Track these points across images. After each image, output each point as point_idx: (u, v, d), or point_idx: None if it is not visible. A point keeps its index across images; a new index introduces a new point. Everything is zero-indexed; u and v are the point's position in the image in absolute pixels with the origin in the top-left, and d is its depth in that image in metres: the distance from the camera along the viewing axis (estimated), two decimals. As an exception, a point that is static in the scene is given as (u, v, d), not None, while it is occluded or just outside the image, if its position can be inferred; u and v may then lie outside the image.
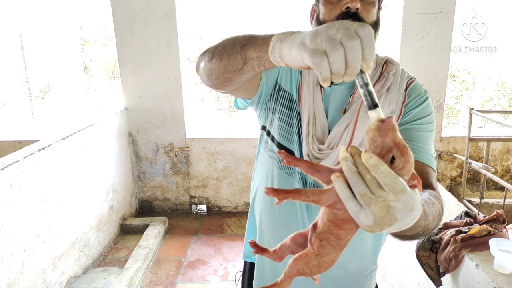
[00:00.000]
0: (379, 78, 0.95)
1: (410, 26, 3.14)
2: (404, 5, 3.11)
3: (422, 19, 3.12)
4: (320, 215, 0.52)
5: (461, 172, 3.40)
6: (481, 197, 3.14)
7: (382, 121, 0.45)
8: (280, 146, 0.99)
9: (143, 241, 3.01)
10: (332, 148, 0.92)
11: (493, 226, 1.19)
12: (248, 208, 3.59)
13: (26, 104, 5.34)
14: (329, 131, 0.95)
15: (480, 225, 1.20)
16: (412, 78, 0.98)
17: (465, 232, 1.19)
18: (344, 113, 0.94)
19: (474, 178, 3.52)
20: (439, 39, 3.15)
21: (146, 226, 3.26)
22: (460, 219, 1.28)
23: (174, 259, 2.97)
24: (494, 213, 1.24)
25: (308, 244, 0.52)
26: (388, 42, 3.46)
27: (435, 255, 1.28)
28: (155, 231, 3.17)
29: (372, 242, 1.02)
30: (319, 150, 0.93)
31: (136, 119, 3.42)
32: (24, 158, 2.01)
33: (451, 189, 3.49)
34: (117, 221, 3.22)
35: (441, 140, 3.43)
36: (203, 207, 3.70)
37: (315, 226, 0.52)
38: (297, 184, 0.99)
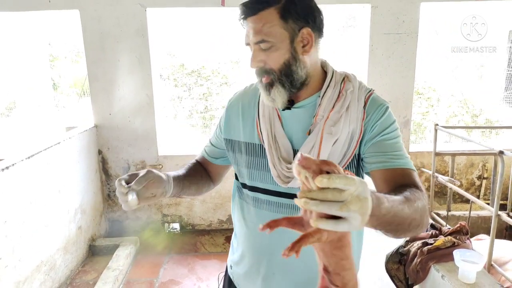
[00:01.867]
0: (338, 97, 0.98)
1: (377, 46, 3.27)
2: (371, 26, 3.24)
3: (388, 39, 3.26)
4: (321, 256, 0.59)
5: (429, 186, 3.51)
6: (448, 210, 3.24)
7: (298, 161, 0.54)
8: (253, 189, 1.07)
9: (113, 263, 2.92)
10: None
11: (457, 237, 1.23)
12: (222, 226, 3.55)
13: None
14: (296, 151, 0.99)
15: (445, 236, 1.24)
16: (370, 91, 1.01)
17: (431, 244, 1.23)
18: (309, 134, 0.98)
19: (441, 192, 3.64)
20: (404, 58, 3.29)
21: (117, 246, 3.16)
22: (426, 231, 1.32)
23: (146, 280, 2.88)
24: (458, 225, 1.29)
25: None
26: (356, 61, 3.58)
27: (403, 267, 1.31)
28: (125, 251, 3.08)
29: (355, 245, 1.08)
30: (288, 169, 0.97)
31: (106, 137, 3.35)
32: (-15, 178, 1.92)
33: (420, 202, 3.59)
34: (85, 242, 3.10)
35: (409, 154, 3.54)
36: (176, 225, 3.63)
37: (326, 270, 0.59)
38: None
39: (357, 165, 0.99)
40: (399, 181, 0.91)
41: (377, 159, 0.94)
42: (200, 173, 1.21)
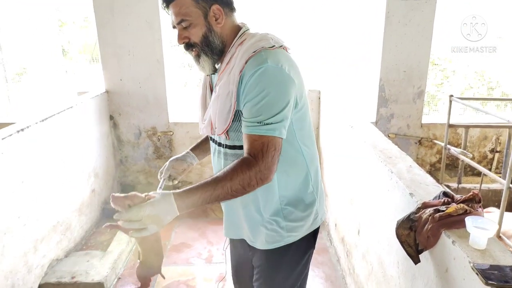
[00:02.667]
0: (229, 61, 1.18)
1: (393, 13, 3.16)
2: (388, -9, 3.12)
3: (405, 6, 3.15)
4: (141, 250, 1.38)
5: (440, 158, 3.49)
6: (459, 182, 3.24)
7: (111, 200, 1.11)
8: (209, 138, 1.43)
9: (126, 225, 3.00)
10: (206, 121, 1.29)
11: (469, 205, 1.23)
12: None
13: (1, 86, 5.16)
14: None
15: (457, 204, 1.24)
16: (254, 51, 1.12)
17: (443, 211, 1.23)
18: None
19: (452, 164, 3.62)
20: (421, 26, 3.18)
21: (129, 210, 3.24)
22: (438, 198, 1.32)
23: (158, 242, 2.97)
24: (471, 193, 1.28)
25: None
26: (371, 28, 3.48)
27: (413, 233, 1.32)
28: (138, 215, 3.16)
29: (262, 196, 1.27)
30: (202, 123, 1.33)
31: (118, 102, 3.36)
32: (2, 139, 1.96)
33: (430, 174, 3.59)
34: (99, 205, 3.19)
35: (421, 126, 3.50)
36: (187, 191, 3.69)
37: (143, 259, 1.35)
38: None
39: (239, 121, 1.16)
40: (245, 147, 1.12)
41: (242, 124, 1.14)
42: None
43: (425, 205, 1.32)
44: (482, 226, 1.08)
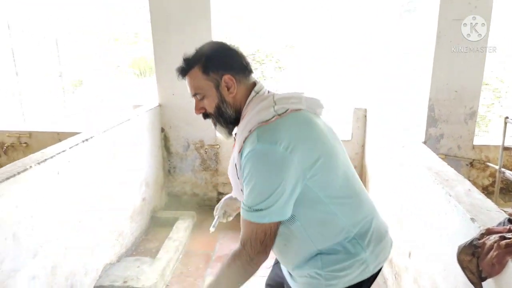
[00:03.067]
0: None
1: (444, 33, 3.12)
2: (440, 11, 3.09)
3: (457, 26, 3.09)
4: None
5: (494, 181, 3.35)
6: (514, 207, 3.09)
7: None
8: None
9: (174, 234, 3.10)
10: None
11: (538, 233, 1.19)
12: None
13: (59, 97, 5.52)
14: None
15: (525, 232, 1.20)
16: (249, 130, 1.12)
17: (509, 238, 1.20)
18: None
19: (506, 188, 3.46)
20: (474, 44, 3.11)
21: (176, 219, 3.35)
22: (503, 225, 1.29)
23: (203, 252, 3.04)
24: (539, 221, 1.25)
25: None
26: (419, 47, 3.44)
27: (476, 259, 1.29)
28: (184, 224, 3.26)
29: (295, 250, 1.22)
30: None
31: (169, 116, 3.52)
32: (70, 148, 2.12)
33: (481, 197, 3.44)
34: (148, 213, 3.32)
35: (473, 148, 3.39)
36: (230, 204, 3.76)
37: None
38: None
39: None
40: (241, 231, 1.15)
41: None
42: None
43: (489, 232, 1.29)
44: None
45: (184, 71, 1.26)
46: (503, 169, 3.06)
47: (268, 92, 1.25)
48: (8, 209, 1.67)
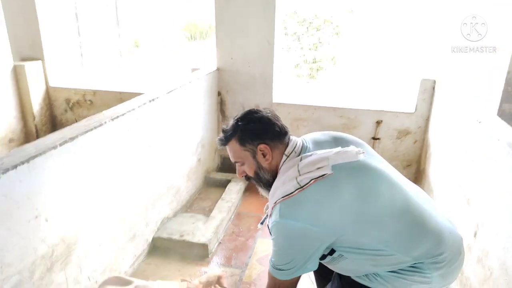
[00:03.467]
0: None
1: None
2: None
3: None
4: None
5: None
6: None
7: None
8: None
9: (226, 195, 3.20)
10: None
11: None
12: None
13: (117, 58, 5.69)
14: None
15: None
16: (276, 202, 1.21)
17: None
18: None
19: None
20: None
21: (228, 181, 3.44)
22: None
23: (254, 215, 3.12)
24: None
25: None
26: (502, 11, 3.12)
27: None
28: (236, 187, 3.34)
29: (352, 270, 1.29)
30: None
31: (227, 80, 3.53)
32: (138, 107, 2.20)
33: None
34: (202, 174, 3.43)
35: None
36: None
37: None
38: None
39: None
40: None
41: None
42: None
43: None
44: None
45: (223, 143, 1.38)
46: None
47: (301, 148, 1.34)
48: (86, 162, 1.79)
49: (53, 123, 4.17)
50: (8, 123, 3.82)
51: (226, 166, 3.84)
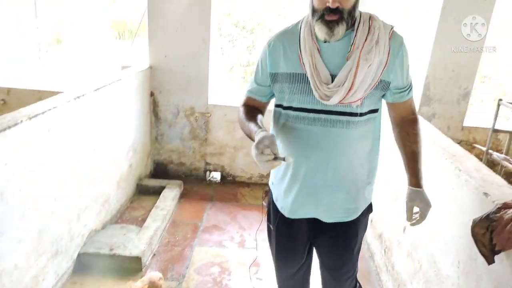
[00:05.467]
0: (368, 32, 1.24)
1: (450, 8, 3.05)
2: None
3: (462, 4, 3.04)
4: None
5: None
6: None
7: None
8: (296, 109, 1.32)
9: (161, 202, 3.02)
10: (339, 87, 1.23)
11: (555, 209, 1.19)
12: (262, 180, 3.57)
13: (35, 54, 5.18)
14: (333, 77, 1.24)
15: (543, 207, 1.20)
16: (392, 28, 1.28)
17: (528, 213, 1.19)
18: (347, 59, 1.23)
19: (491, 169, 3.54)
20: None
21: (162, 188, 3.26)
22: (520, 201, 1.28)
23: (190, 222, 2.99)
24: (557, 198, 1.24)
25: None
26: (421, 22, 3.38)
27: (489, 233, 1.29)
28: (171, 193, 3.17)
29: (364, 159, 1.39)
30: (328, 89, 1.23)
31: (160, 79, 3.36)
32: (61, 104, 1.97)
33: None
34: (134, 181, 3.21)
35: (462, 129, 3.43)
36: (217, 174, 3.70)
37: None
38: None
39: (380, 89, 1.29)
40: (405, 112, 1.39)
41: (396, 94, 1.33)
42: (259, 113, 1.40)
43: (506, 205, 1.28)
44: None
45: None
46: (490, 151, 3.12)
47: None
48: (-6, 166, 1.54)
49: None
50: None
51: (160, 171, 3.65)
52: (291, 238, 1.51)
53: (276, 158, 1.10)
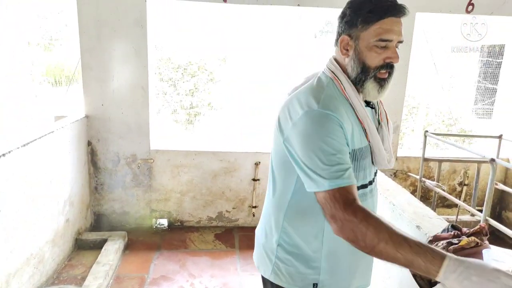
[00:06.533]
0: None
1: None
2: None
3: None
4: None
5: (414, 190, 3.65)
6: (433, 213, 3.38)
7: None
8: (361, 187, 1.15)
9: (102, 257, 2.83)
10: None
11: (479, 238, 1.29)
12: (211, 223, 3.51)
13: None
14: None
15: (468, 237, 1.29)
16: None
17: (456, 244, 1.28)
18: (382, 120, 1.22)
19: (424, 196, 3.79)
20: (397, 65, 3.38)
21: (104, 241, 3.07)
22: (447, 231, 1.37)
23: (136, 276, 2.82)
24: (478, 227, 1.35)
25: None
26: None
27: (425, 265, 1.35)
28: (114, 246, 2.99)
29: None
30: (386, 152, 1.18)
31: (97, 128, 3.24)
32: (-17, 164, 1.81)
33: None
34: (72, 236, 2.99)
35: (396, 159, 3.66)
36: (164, 221, 3.56)
37: None
38: None
39: None
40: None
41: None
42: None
43: (436, 238, 1.36)
44: (497, 259, 1.13)
45: (404, 11, 1.04)
46: (423, 179, 3.35)
47: None
48: None
49: None
50: None
51: (102, 223, 3.44)
52: None
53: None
